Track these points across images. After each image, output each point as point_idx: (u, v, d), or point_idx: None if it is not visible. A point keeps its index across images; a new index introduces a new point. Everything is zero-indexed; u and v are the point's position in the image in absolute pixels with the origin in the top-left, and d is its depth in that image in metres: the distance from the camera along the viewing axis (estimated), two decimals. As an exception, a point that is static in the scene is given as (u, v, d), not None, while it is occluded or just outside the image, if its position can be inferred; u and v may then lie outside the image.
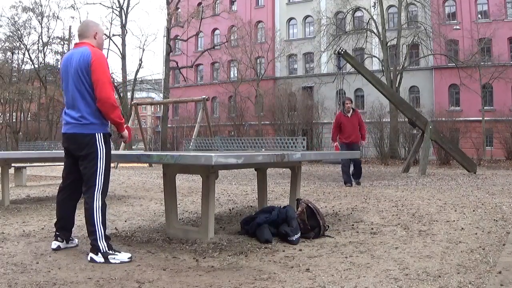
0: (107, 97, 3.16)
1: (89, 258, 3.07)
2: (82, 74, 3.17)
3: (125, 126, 3.42)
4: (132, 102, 21.37)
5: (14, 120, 33.20)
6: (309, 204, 4.02)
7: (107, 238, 3.17)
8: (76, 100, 3.20)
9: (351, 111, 9.00)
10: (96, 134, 3.20)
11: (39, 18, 32.63)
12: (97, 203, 3.14)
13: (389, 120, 21.92)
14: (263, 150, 5.11)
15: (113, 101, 3.20)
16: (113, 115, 3.23)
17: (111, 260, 3.03)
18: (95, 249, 3.07)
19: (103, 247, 3.08)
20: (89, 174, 3.19)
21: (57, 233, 3.44)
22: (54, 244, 3.41)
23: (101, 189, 3.19)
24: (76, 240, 3.58)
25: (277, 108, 25.10)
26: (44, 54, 33.00)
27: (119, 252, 3.13)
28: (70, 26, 45.66)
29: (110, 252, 3.08)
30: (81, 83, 3.18)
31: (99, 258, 3.04)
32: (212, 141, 5.79)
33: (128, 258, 3.08)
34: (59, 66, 34.01)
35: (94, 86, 3.16)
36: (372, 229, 4.27)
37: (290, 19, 35.23)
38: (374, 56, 26.74)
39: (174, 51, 33.16)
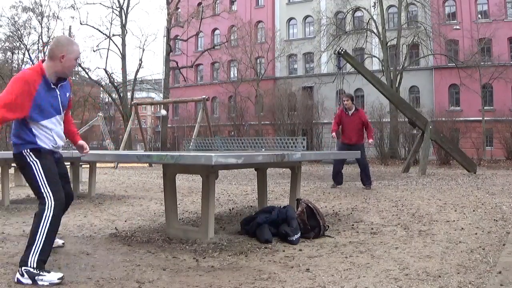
0: None
1: (15, 280, 2.69)
2: None
3: None
4: (132, 102, 21.39)
5: (14, 120, 33.15)
6: (309, 204, 4.02)
7: (43, 254, 2.74)
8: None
9: (352, 109, 8.22)
10: (23, 151, 2.93)
11: (39, 18, 32.66)
12: (47, 213, 2.80)
13: (389, 120, 21.92)
14: (263, 150, 5.11)
15: None
16: None
17: (39, 282, 2.65)
18: (23, 264, 2.70)
19: (32, 263, 2.69)
20: (34, 188, 2.94)
21: None
22: None
23: (52, 199, 2.84)
24: (60, 242, 3.53)
25: (277, 108, 25.10)
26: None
27: (48, 272, 2.71)
28: (70, 26, 46.02)
29: (36, 272, 2.68)
30: None
31: (26, 279, 2.66)
32: (212, 141, 5.79)
33: (58, 279, 2.66)
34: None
35: None
36: (372, 229, 4.27)
37: (290, 19, 35.23)
38: (374, 56, 26.75)
39: (174, 51, 33.15)
